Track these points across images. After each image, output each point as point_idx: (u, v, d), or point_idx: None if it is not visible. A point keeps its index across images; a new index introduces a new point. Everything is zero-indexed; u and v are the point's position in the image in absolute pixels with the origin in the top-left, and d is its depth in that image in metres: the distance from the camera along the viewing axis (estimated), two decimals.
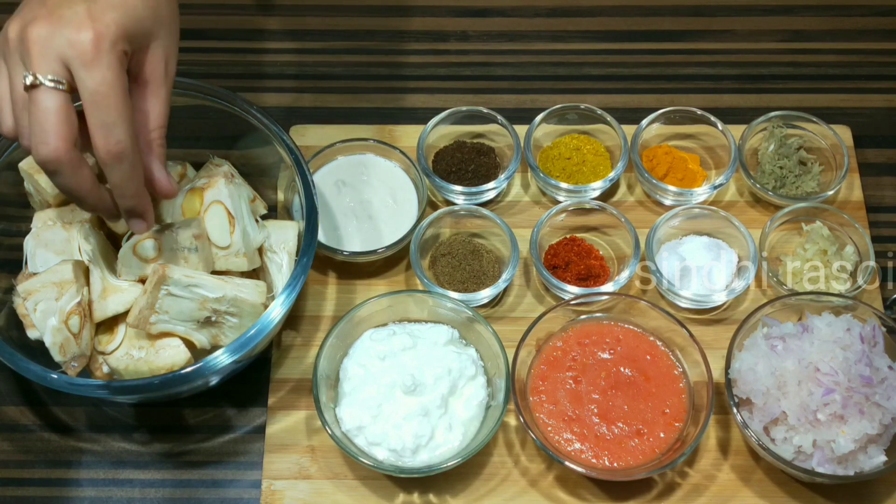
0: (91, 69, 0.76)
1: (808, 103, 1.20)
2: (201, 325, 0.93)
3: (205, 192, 0.98)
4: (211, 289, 0.92)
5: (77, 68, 0.76)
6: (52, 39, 0.76)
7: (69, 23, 0.76)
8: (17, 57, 0.78)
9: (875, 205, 1.15)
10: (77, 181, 0.80)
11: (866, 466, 0.94)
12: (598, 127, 1.15)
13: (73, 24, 0.76)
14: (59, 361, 0.92)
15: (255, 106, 1.03)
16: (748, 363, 0.97)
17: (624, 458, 0.96)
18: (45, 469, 1.00)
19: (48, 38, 0.76)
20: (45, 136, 0.77)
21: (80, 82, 0.77)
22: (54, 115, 0.76)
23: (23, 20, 0.78)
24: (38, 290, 0.92)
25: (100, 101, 0.77)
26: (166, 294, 0.91)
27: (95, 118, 0.77)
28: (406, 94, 1.22)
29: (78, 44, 0.76)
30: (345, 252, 1.06)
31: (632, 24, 1.28)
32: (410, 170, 1.11)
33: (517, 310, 1.08)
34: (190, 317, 0.92)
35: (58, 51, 0.76)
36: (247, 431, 1.02)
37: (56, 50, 0.76)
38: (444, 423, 0.97)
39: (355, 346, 1.01)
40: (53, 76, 0.76)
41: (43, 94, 0.76)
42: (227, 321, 0.94)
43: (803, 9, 1.29)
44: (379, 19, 1.28)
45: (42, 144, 0.77)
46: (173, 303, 0.91)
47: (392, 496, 0.99)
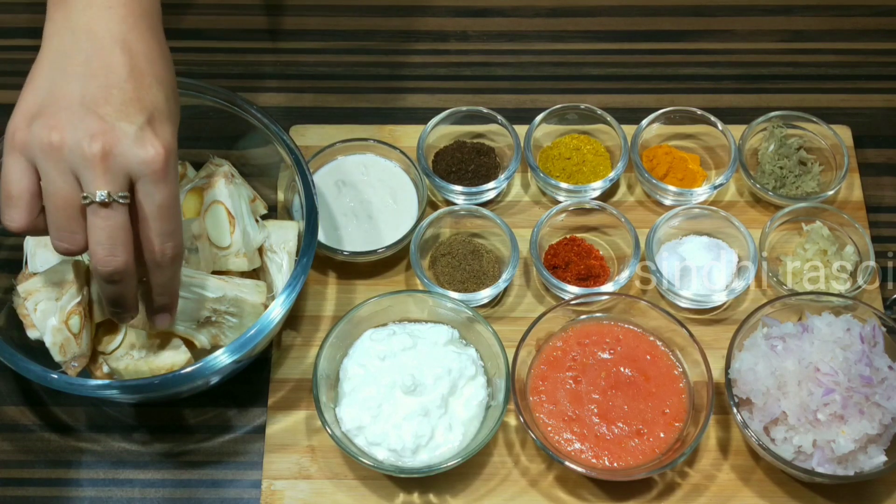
0: (160, 184, 0.79)
1: (808, 103, 1.20)
2: (201, 324, 0.93)
3: (205, 192, 0.98)
4: (211, 289, 0.92)
5: (146, 184, 0.79)
6: (123, 157, 0.78)
7: (137, 141, 0.78)
8: (63, 167, 0.78)
9: (875, 205, 1.15)
10: (130, 289, 0.83)
11: (866, 466, 0.94)
12: (598, 127, 1.15)
13: (141, 142, 0.78)
14: (59, 361, 0.92)
15: (255, 106, 1.03)
16: (748, 363, 0.97)
17: (624, 458, 0.96)
18: (45, 469, 1.00)
19: (118, 157, 0.77)
20: (116, 250, 0.79)
21: (147, 197, 0.79)
22: (124, 230, 0.79)
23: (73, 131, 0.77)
24: (39, 290, 0.92)
25: (165, 214, 0.80)
26: None
27: (159, 228, 0.80)
28: (406, 94, 1.22)
29: (150, 163, 0.78)
30: (345, 252, 1.06)
31: (632, 24, 1.28)
32: (410, 170, 1.11)
33: (517, 310, 1.08)
34: (190, 316, 0.92)
35: (127, 168, 0.78)
36: (247, 431, 1.02)
37: (125, 168, 0.78)
38: (444, 423, 0.97)
39: (355, 346, 1.01)
40: (123, 192, 0.78)
41: (115, 211, 0.78)
42: (226, 321, 0.94)
43: (803, 9, 1.29)
44: (379, 19, 1.28)
45: (112, 258, 0.79)
46: None
47: (392, 496, 0.99)
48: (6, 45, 1.26)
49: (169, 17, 1.27)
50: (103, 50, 0.80)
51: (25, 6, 1.28)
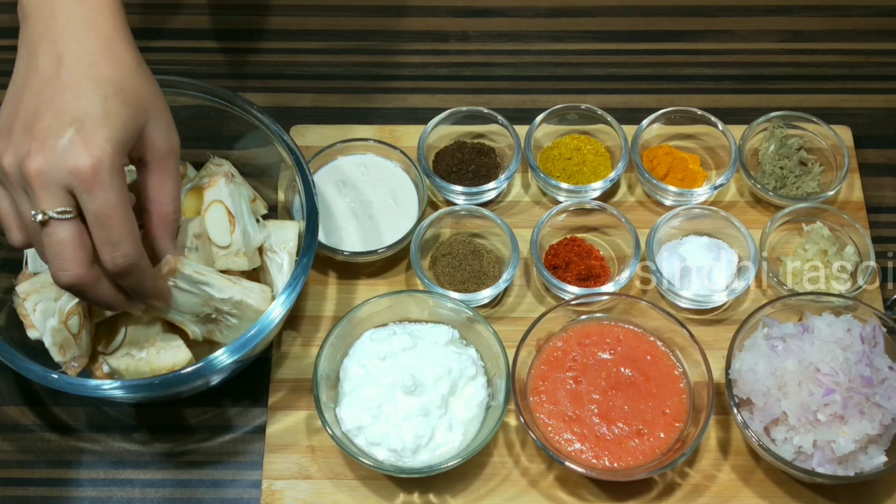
0: (93, 193, 0.77)
1: (808, 103, 1.20)
2: (200, 319, 0.93)
3: (205, 192, 0.98)
4: (219, 289, 0.92)
5: (80, 194, 0.78)
6: (52, 173, 0.77)
7: (64, 153, 0.77)
8: (19, 189, 0.79)
9: (875, 205, 1.15)
10: (100, 293, 0.83)
11: (866, 467, 0.94)
12: (599, 127, 1.15)
13: (69, 153, 0.77)
14: (59, 361, 0.92)
15: (255, 106, 1.03)
16: (748, 363, 0.97)
17: (624, 459, 0.96)
18: (45, 469, 1.00)
19: (48, 173, 0.77)
20: (64, 265, 0.79)
21: (83, 206, 0.78)
22: (69, 244, 0.79)
23: (15, 153, 0.78)
24: (38, 290, 0.92)
25: (104, 222, 0.78)
26: (173, 286, 0.90)
27: (101, 237, 0.79)
28: (406, 94, 1.22)
29: (77, 173, 0.77)
30: (345, 252, 1.06)
31: (632, 24, 1.28)
32: (411, 170, 1.11)
33: (517, 310, 1.08)
34: (191, 310, 0.92)
35: (60, 183, 0.77)
36: (247, 431, 1.02)
37: (58, 182, 0.77)
38: (445, 423, 0.97)
39: (355, 346, 1.01)
40: (61, 208, 0.78)
41: (54, 227, 0.78)
42: (226, 320, 0.94)
43: (803, 9, 1.29)
44: (379, 19, 1.28)
45: (62, 272, 0.79)
46: (177, 295, 0.91)
47: (392, 496, 0.98)
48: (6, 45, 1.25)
49: (169, 17, 1.28)
50: (36, 59, 0.80)
51: None
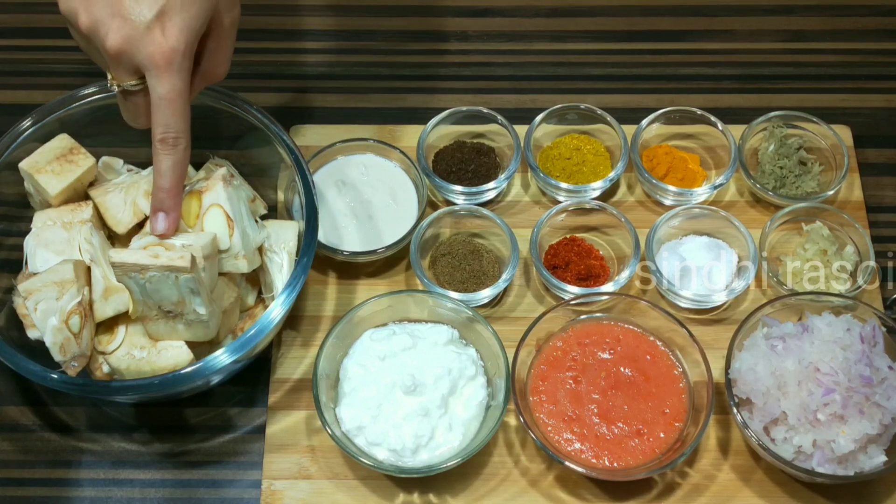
0: (161, 79, 0.87)
1: (808, 103, 1.20)
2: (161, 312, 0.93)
3: (203, 196, 0.98)
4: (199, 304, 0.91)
5: (150, 77, 0.87)
6: (130, 54, 0.86)
7: (143, 37, 0.85)
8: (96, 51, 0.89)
9: (875, 205, 1.15)
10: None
11: (866, 466, 0.94)
12: (599, 127, 1.15)
13: (147, 38, 0.85)
14: (59, 361, 0.92)
15: (255, 106, 1.03)
16: (748, 363, 0.97)
17: (624, 458, 0.96)
18: (45, 469, 1.00)
19: (126, 53, 0.86)
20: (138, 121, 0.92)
21: (151, 87, 0.87)
22: (142, 106, 0.90)
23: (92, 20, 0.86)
24: (39, 289, 0.92)
25: (165, 106, 0.88)
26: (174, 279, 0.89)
27: (160, 117, 0.88)
28: (406, 94, 1.22)
29: (152, 58, 0.86)
30: (345, 252, 1.06)
31: (632, 24, 1.28)
32: (410, 170, 1.11)
33: (517, 310, 1.08)
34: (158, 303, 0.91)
35: (134, 62, 0.87)
36: (247, 431, 1.02)
37: (133, 63, 0.87)
38: (444, 423, 0.97)
39: (355, 346, 1.01)
40: (131, 83, 0.89)
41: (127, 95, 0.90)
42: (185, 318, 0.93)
43: (803, 9, 1.29)
44: (379, 19, 1.28)
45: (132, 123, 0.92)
46: (163, 286, 0.90)
47: (392, 496, 0.99)
48: (6, 45, 1.26)
49: None
50: None
51: (23, 6, 1.28)
